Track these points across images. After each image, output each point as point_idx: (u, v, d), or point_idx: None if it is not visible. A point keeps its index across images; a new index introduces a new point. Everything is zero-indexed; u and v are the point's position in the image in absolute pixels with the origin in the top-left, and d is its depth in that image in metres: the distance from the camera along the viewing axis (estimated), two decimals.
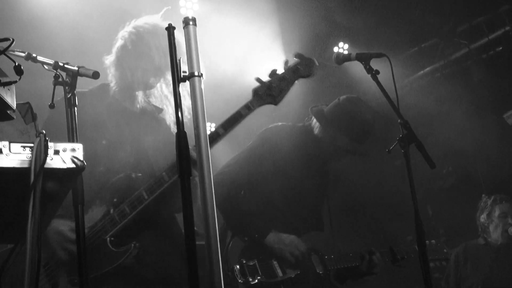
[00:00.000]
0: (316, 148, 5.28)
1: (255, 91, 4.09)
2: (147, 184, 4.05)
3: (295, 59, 4.22)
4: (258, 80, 4.13)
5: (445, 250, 5.67)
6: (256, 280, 4.79)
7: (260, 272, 4.85)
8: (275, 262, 4.96)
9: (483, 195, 7.66)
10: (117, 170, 4.18)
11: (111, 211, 4.07)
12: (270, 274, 4.89)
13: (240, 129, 4.17)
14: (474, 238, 7.62)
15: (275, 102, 4.09)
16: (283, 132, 5.32)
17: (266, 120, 5.79)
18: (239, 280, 4.77)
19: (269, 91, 4.07)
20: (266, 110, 4.74)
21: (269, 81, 4.10)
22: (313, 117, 5.35)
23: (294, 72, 4.16)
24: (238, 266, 4.83)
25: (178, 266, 4.20)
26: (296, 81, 4.16)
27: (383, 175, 8.66)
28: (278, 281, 4.90)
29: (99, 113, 4.24)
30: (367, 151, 5.35)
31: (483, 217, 7.45)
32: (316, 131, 5.32)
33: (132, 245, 3.98)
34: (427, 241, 5.11)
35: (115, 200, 4.09)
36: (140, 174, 4.19)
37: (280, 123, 5.47)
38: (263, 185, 5.20)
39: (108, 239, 3.99)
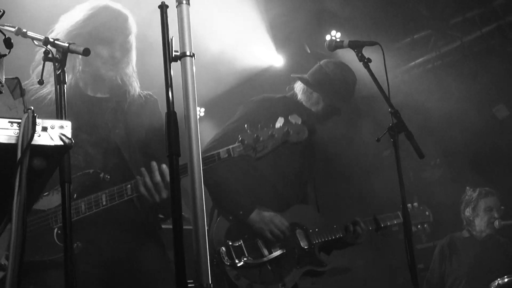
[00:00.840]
0: (301, 114, 5.29)
1: (242, 139, 4.05)
2: (109, 190, 4.00)
3: (290, 121, 4.15)
4: (250, 128, 4.08)
5: (427, 213, 5.74)
6: (243, 262, 4.85)
7: (246, 253, 4.89)
8: (260, 241, 5.01)
9: (467, 188, 7.68)
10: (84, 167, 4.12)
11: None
12: (256, 254, 4.94)
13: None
14: (458, 230, 7.65)
15: (255, 157, 4.05)
16: (267, 102, 5.33)
17: None
18: (225, 263, 4.80)
19: (254, 144, 4.03)
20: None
21: (258, 135, 4.05)
22: (296, 82, 5.45)
23: (284, 135, 4.09)
24: (224, 248, 4.86)
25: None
26: (281, 144, 4.09)
27: (366, 144, 8.67)
28: (264, 261, 4.95)
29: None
30: (352, 110, 5.61)
31: (468, 211, 7.48)
32: (299, 96, 5.42)
33: (75, 244, 3.94)
34: (409, 205, 5.29)
35: (75, 195, 4.00)
36: (108, 176, 4.14)
37: (264, 95, 5.49)
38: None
39: (55, 230, 3.93)
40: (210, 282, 2.34)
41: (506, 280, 6.20)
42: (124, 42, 4.31)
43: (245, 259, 4.87)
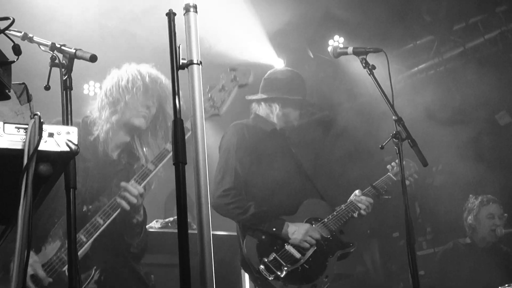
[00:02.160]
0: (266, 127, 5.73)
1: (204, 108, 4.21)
2: (102, 210, 4.22)
3: (232, 71, 4.42)
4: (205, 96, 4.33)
5: (411, 164, 5.81)
6: (284, 272, 5.15)
7: (283, 263, 5.19)
8: (289, 247, 5.29)
9: (470, 196, 7.69)
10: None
11: (63, 242, 4.16)
12: (291, 260, 5.24)
13: None
14: (460, 237, 7.66)
15: (219, 112, 4.36)
16: (244, 129, 5.65)
17: None
18: (269, 278, 5.11)
19: (212, 103, 4.31)
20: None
21: (211, 95, 4.33)
22: (252, 104, 5.89)
23: (231, 81, 4.37)
24: (262, 266, 5.15)
25: None
26: (235, 89, 4.40)
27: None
28: (301, 263, 5.26)
29: None
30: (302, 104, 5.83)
31: (470, 218, 7.48)
32: (257, 110, 5.87)
33: (93, 270, 4.10)
34: (392, 163, 5.72)
35: (64, 233, 4.15)
36: (91, 206, 4.36)
37: (233, 123, 5.79)
38: (258, 182, 5.54)
39: (65, 270, 4.06)
40: None
41: None
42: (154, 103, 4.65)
43: (285, 268, 5.17)
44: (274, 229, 5.28)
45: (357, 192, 5.70)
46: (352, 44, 5.18)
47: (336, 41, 8.73)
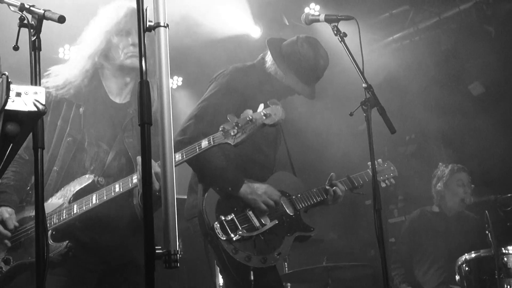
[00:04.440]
0: (268, 85, 5.34)
1: (224, 127, 4.10)
2: (99, 190, 4.15)
3: (269, 106, 4.14)
4: (229, 117, 4.11)
5: (392, 168, 5.85)
6: (238, 235, 4.89)
7: (240, 227, 4.94)
8: (250, 212, 5.05)
9: (440, 164, 7.79)
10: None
11: (64, 205, 4.17)
12: (248, 226, 4.98)
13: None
14: (429, 205, 7.77)
15: (233, 143, 4.09)
16: (239, 73, 5.33)
17: None
18: (222, 238, 4.85)
19: (234, 130, 4.07)
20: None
21: (237, 121, 4.08)
22: (268, 51, 5.38)
23: (261, 119, 4.09)
24: (218, 224, 4.89)
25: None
26: (259, 127, 4.09)
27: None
28: (257, 234, 5.00)
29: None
30: (313, 95, 5.45)
31: (439, 186, 7.59)
32: (267, 65, 5.37)
33: (65, 243, 4.08)
34: (379, 160, 5.62)
35: (71, 197, 4.17)
36: (102, 180, 4.29)
37: (234, 65, 5.46)
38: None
39: (50, 231, 4.09)
40: (178, 248, 2.39)
41: (473, 255, 6.29)
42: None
43: (240, 232, 4.91)
44: (230, 188, 5.02)
45: (333, 175, 5.52)
46: (328, 12, 5.17)
47: (312, 9, 8.73)
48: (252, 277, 4.95)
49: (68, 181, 4.25)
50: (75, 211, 4.08)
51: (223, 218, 4.93)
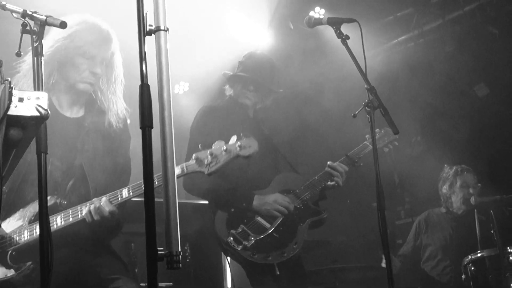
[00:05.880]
0: (244, 114, 5.76)
1: (197, 156, 4.19)
2: (64, 212, 4.13)
3: (242, 139, 4.27)
4: (201, 146, 4.24)
5: (390, 133, 5.81)
6: (252, 241, 5.17)
7: (251, 233, 5.22)
8: (259, 218, 5.35)
9: (445, 166, 7.79)
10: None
11: (24, 225, 4.12)
12: (260, 230, 5.28)
13: None
14: (437, 207, 7.77)
15: (207, 172, 4.18)
16: (213, 113, 5.72)
17: None
18: (237, 249, 5.12)
19: (208, 160, 4.15)
20: None
21: (211, 150, 4.17)
22: (226, 84, 5.92)
23: (235, 150, 4.20)
24: (231, 238, 5.17)
25: None
26: (232, 158, 4.21)
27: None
28: (269, 233, 5.28)
29: None
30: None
31: (445, 188, 7.60)
32: (234, 94, 5.84)
33: (27, 264, 4.04)
34: (376, 129, 5.44)
35: (32, 217, 4.12)
36: (65, 202, 4.26)
37: (204, 105, 5.97)
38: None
39: (9, 252, 4.06)
40: (179, 250, 2.41)
41: (479, 255, 6.33)
42: (105, 59, 4.46)
43: (252, 238, 5.18)
44: (244, 204, 5.33)
45: (330, 163, 5.69)
46: (332, 15, 5.18)
47: (317, 13, 8.73)
48: (277, 272, 5.17)
49: (20, 203, 4.19)
50: (36, 232, 4.01)
51: (233, 231, 5.20)
